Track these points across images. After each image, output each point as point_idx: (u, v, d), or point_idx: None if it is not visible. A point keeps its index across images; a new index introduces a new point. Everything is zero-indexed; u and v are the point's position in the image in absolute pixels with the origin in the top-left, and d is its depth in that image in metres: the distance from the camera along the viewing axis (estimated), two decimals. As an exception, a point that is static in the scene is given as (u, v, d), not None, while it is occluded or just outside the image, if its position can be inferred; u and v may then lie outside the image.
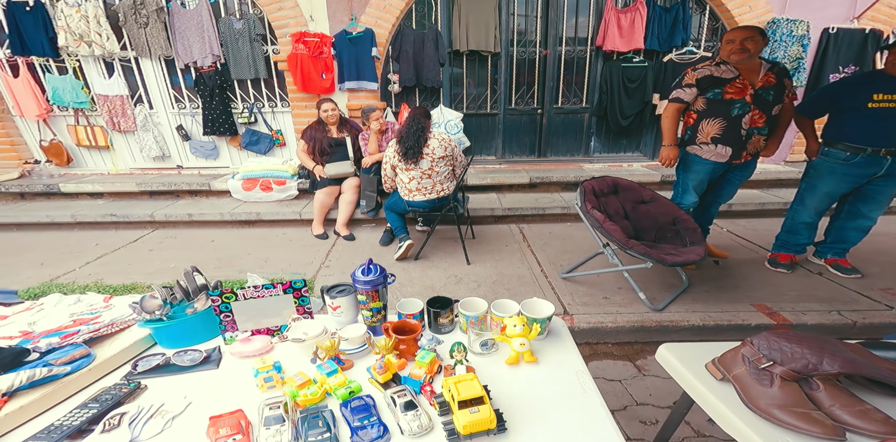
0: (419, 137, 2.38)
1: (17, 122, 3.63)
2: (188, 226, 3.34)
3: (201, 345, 1.00)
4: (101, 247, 2.92)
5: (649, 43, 3.63)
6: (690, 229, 2.09)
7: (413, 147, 2.37)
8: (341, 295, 1.01)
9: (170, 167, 3.96)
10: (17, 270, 2.50)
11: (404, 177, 2.50)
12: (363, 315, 1.04)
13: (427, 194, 2.50)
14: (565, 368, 0.89)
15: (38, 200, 3.45)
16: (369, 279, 0.98)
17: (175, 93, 3.78)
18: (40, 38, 3.37)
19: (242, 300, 0.98)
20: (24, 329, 1.00)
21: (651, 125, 4.03)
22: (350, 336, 0.92)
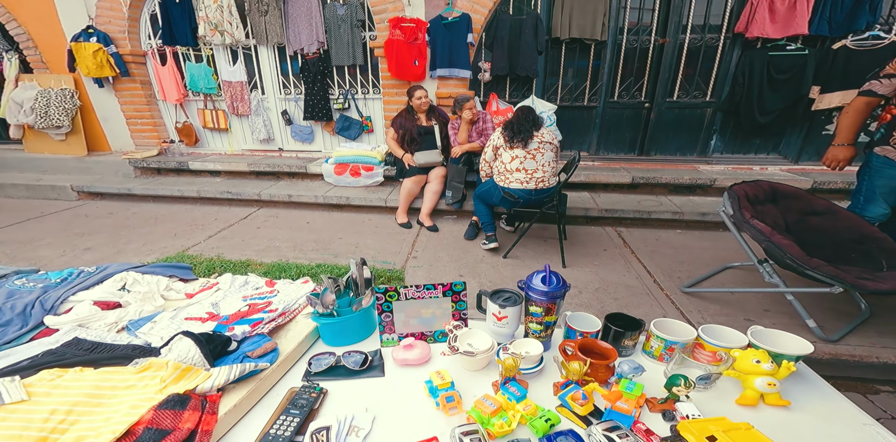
0: (534, 123, 2.35)
1: (160, 105, 4.23)
2: (286, 206, 3.64)
3: (358, 345, 0.98)
4: (220, 221, 3.30)
5: (816, 27, 2.91)
6: (888, 250, 1.68)
7: (526, 131, 2.33)
8: (509, 304, 0.92)
9: (272, 150, 4.32)
10: (156, 238, 2.94)
11: (506, 156, 2.39)
12: (532, 328, 0.95)
13: (526, 183, 2.36)
14: (842, 418, 0.71)
15: (170, 176, 4.03)
16: (549, 289, 0.89)
17: (283, 79, 4.05)
18: (185, 28, 3.80)
19: (403, 300, 0.96)
20: (209, 310, 1.05)
21: (801, 123, 3.30)
22: (529, 354, 0.83)
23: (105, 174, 3.92)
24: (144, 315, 1.03)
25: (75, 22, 3.78)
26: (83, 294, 1.07)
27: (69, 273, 1.20)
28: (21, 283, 1.13)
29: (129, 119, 4.14)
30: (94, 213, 3.38)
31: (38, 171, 3.93)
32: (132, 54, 3.91)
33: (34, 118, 3.79)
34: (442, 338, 0.99)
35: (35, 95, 3.79)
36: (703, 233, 2.96)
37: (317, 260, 2.58)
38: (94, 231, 3.01)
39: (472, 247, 2.74)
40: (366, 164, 3.58)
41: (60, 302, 1.03)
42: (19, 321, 0.96)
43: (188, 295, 1.16)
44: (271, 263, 2.52)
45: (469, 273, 2.38)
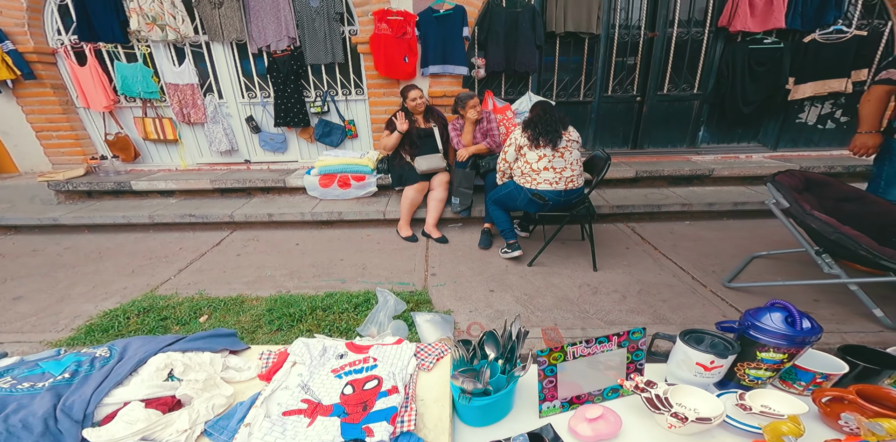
0: (561, 121, 2.22)
1: (82, 114, 3.48)
2: (266, 227, 3.15)
3: (506, 422, 0.76)
4: (186, 251, 2.74)
5: (790, 21, 3.17)
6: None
7: (554, 130, 2.18)
8: (715, 351, 0.75)
9: (237, 162, 3.77)
10: (107, 277, 2.34)
11: (532, 156, 2.23)
12: (751, 375, 0.79)
13: (555, 183, 2.21)
14: None
15: (107, 199, 3.31)
16: (797, 334, 0.72)
17: (245, 81, 3.54)
18: (110, 22, 3.17)
19: (570, 360, 0.76)
20: (305, 398, 0.78)
21: (778, 113, 3.58)
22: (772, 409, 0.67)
23: (16, 201, 3.10)
24: (219, 411, 0.75)
25: None
26: (121, 393, 0.77)
27: (73, 361, 0.83)
28: (10, 385, 0.74)
29: (39, 132, 3.36)
30: (12, 252, 2.63)
31: None
32: (37, 52, 3.18)
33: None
34: (611, 395, 0.84)
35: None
36: (709, 223, 3.05)
37: (324, 288, 2.21)
38: (19, 275, 2.32)
39: (491, 257, 2.54)
40: (356, 174, 3.23)
41: (94, 408, 0.68)
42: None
43: (261, 377, 0.87)
44: (270, 296, 2.11)
45: (500, 287, 2.18)
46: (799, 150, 3.75)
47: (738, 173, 3.29)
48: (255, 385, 0.87)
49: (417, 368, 0.89)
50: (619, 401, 0.82)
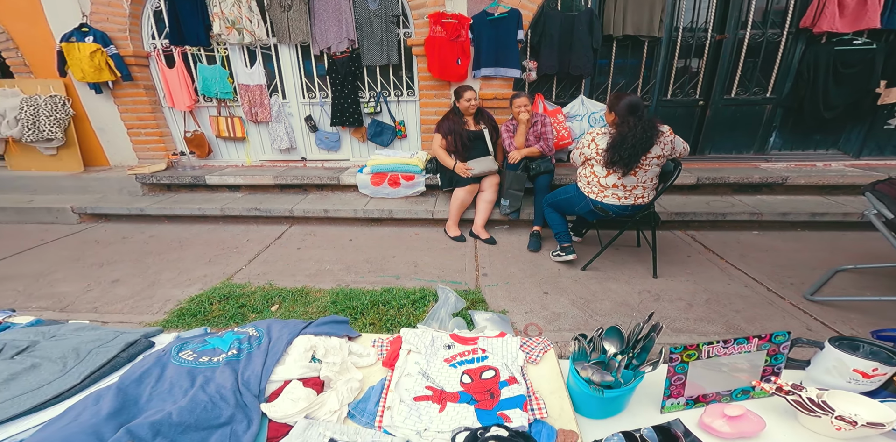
0: (646, 145, 1.96)
1: (166, 113, 3.81)
2: (321, 222, 3.31)
3: (623, 416, 0.79)
4: (253, 242, 2.95)
5: (887, 20, 2.88)
6: None
7: (631, 157, 1.97)
8: (878, 359, 0.75)
9: (295, 159, 3.97)
10: (189, 265, 2.57)
11: (600, 170, 2.13)
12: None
13: (623, 199, 2.12)
14: None
15: (184, 192, 3.62)
16: None
17: (307, 81, 3.71)
18: (196, 26, 3.42)
19: (704, 358, 0.78)
20: (428, 385, 0.83)
21: (864, 118, 3.27)
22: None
23: (107, 193, 3.47)
24: (355, 394, 0.84)
25: (65, 19, 3.34)
26: (280, 371, 0.86)
27: (234, 339, 0.94)
28: (193, 358, 0.87)
29: (130, 129, 3.70)
30: (105, 239, 2.96)
31: (26, 192, 3.43)
32: (135, 56, 3.49)
33: (20, 130, 3.31)
34: (741, 397, 0.84)
35: (19, 104, 3.31)
36: (782, 233, 2.85)
37: (379, 284, 2.30)
38: (114, 260, 2.61)
39: (542, 259, 2.53)
40: (406, 173, 3.30)
41: (265, 384, 0.82)
42: (242, 416, 0.74)
43: (384, 363, 0.93)
44: (331, 289, 2.24)
45: (553, 289, 2.18)
46: (885, 158, 3.39)
47: (815, 182, 3.04)
48: (377, 370, 0.93)
49: (525, 360, 0.93)
50: (750, 403, 0.82)
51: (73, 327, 1.06)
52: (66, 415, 0.75)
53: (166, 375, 0.84)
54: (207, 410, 0.74)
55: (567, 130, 3.38)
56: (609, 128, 2.10)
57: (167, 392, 0.80)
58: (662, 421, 0.75)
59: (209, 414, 0.73)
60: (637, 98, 2.05)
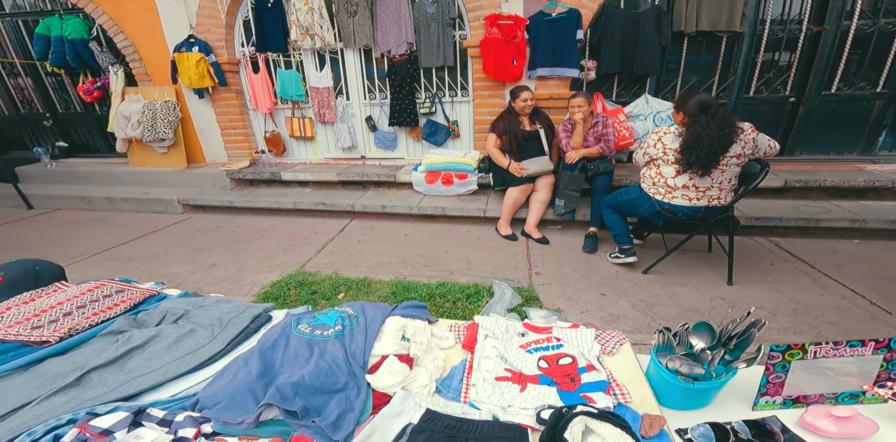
0: (724, 143, 1.85)
1: (251, 114, 4.29)
2: (378, 217, 3.57)
3: (708, 410, 0.82)
4: (320, 235, 3.29)
5: None
6: None
7: (709, 157, 1.86)
8: None
9: (355, 158, 4.27)
10: (269, 253, 2.96)
11: (668, 170, 2.04)
12: None
13: (696, 200, 2.03)
14: None
15: (262, 187, 4.08)
16: None
17: (368, 84, 3.96)
18: (277, 34, 3.79)
19: (809, 359, 0.79)
20: (506, 367, 0.91)
21: None
22: None
23: (204, 187, 4.04)
24: (440, 372, 0.94)
25: (177, 32, 3.85)
26: (378, 347, 0.99)
27: (338, 316, 1.11)
28: (309, 331, 1.04)
29: (223, 130, 4.23)
30: (203, 227, 3.48)
31: (142, 185, 4.11)
32: (229, 63, 3.96)
33: (142, 131, 3.95)
34: (849, 401, 0.83)
35: (141, 109, 3.93)
36: (889, 243, 2.57)
37: (434, 278, 2.47)
38: (211, 246, 3.08)
39: (598, 261, 2.53)
40: (459, 172, 3.43)
41: (368, 357, 0.96)
42: (353, 384, 0.87)
43: (464, 346, 1.04)
44: (390, 281, 2.45)
45: (611, 291, 2.18)
46: None
47: (935, 187, 2.68)
48: (457, 352, 1.02)
49: (601, 351, 0.98)
50: (859, 407, 0.80)
51: (214, 300, 1.29)
52: (225, 374, 0.90)
53: (291, 344, 0.99)
54: (328, 376, 0.85)
55: (629, 130, 3.27)
56: (678, 128, 2.01)
57: (293, 359, 0.94)
58: (754, 417, 0.77)
59: (329, 380, 0.85)
60: (708, 96, 1.95)
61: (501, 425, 0.75)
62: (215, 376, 0.91)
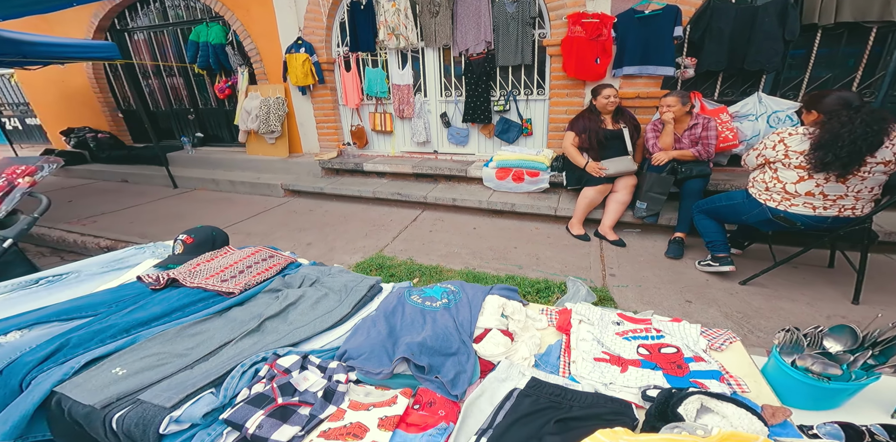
0: (872, 142, 1.56)
1: (340, 110, 4.63)
2: (448, 210, 3.70)
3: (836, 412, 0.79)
4: (395, 223, 3.52)
5: None
6: None
7: (851, 156, 1.58)
8: None
9: (428, 152, 4.42)
10: (352, 236, 3.25)
11: (789, 174, 1.78)
12: None
13: (821, 209, 1.76)
14: None
15: (346, 176, 4.43)
16: None
17: (445, 81, 4.04)
18: (367, 34, 4.00)
19: None
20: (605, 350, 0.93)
21: None
22: None
23: (300, 174, 4.50)
24: (537, 349, 0.99)
25: (289, 35, 4.22)
26: (482, 320, 1.06)
27: (442, 291, 1.19)
28: (420, 301, 1.14)
29: (318, 123, 4.63)
30: (300, 210, 3.91)
31: (255, 171, 4.70)
32: (326, 62, 4.27)
33: (258, 124, 4.49)
34: None
35: (259, 104, 4.45)
36: None
37: (503, 270, 2.53)
38: (306, 227, 3.47)
39: (683, 267, 2.38)
40: (530, 169, 3.41)
41: (473, 328, 1.04)
42: (465, 350, 0.94)
43: (559, 328, 1.07)
44: (460, 270, 2.54)
45: (699, 299, 2.04)
46: None
47: None
48: (550, 333, 1.06)
49: (708, 346, 0.95)
50: None
51: (338, 269, 1.41)
52: (358, 332, 1.02)
53: (406, 312, 1.09)
54: (444, 340, 0.93)
55: (732, 131, 2.96)
56: (807, 128, 1.73)
57: (410, 324, 1.04)
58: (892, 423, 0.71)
59: (445, 344, 0.92)
60: (850, 92, 1.69)
61: (605, 397, 0.77)
62: (350, 334, 1.04)
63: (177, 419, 0.78)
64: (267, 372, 0.87)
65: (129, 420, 0.80)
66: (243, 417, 0.75)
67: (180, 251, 1.50)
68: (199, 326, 1.09)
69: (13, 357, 0.94)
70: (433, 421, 0.74)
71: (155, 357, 0.96)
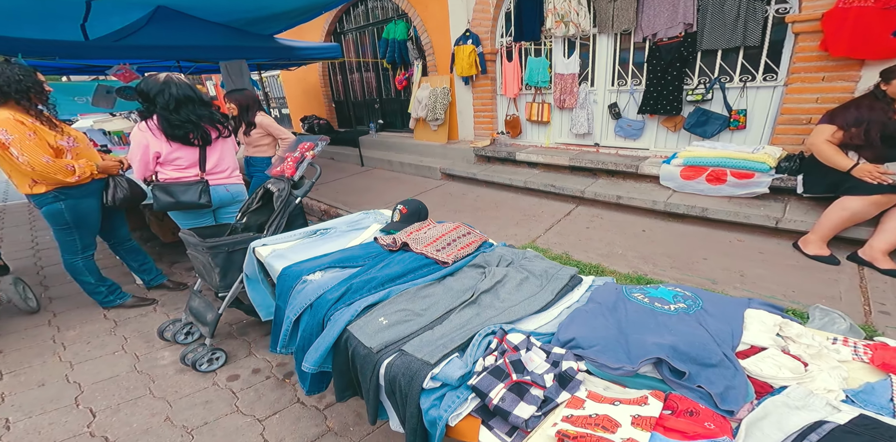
0: None
1: (498, 100, 4.46)
2: (608, 207, 3.18)
3: None
4: (546, 215, 3.17)
5: None
6: None
7: None
8: None
9: (588, 144, 3.90)
10: (503, 223, 3.04)
11: None
12: None
13: None
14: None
15: (496, 164, 4.24)
16: None
17: (620, 69, 3.45)
18: (533, 23, 3.71)
19: None
20: None
21: None
22: None
23: (455, 159, 4.51)
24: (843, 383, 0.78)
25: (458, 28, 4.20)
26: (748, 335, 0.90)
27: (674, 295, 1.04)
28: (648, 301, 1.02)
29: (475, 112, 4.56)
30: (454, 193, 3.90)
31: (418, 154, 4.92)
32: (490, 53, 4.13)
33: (426, 112, 4.67)
34: None
35: (428, 94, 4.61)
36: None
37: (686, 282, 1.99)
38: (461, 209, 3.41)
39: None
40: (739, 170, 2.61)
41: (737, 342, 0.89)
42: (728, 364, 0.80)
43: (882, 365, 0.81)
44: (626, 273, 2.11)
45: None
46: None
47: None
48: (858, 368, 0.83)
49: None
50: None
51: (532, 254, 1.36)
52: (579, 322, 0.95)
53: (629, 309, 0.98)
54: (701, 349, 0.80)
55: None
56: None
57: (637, 323, 0.92)
58: None
59: (703, 353, 0.79)
60: None
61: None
62: (567, 321, 0.97)
63: (434, 376, 0.81)
64: (497, 346, 0.86)
65: (395, 368, 0.85)
66: (487, 387, 0.75)
67: (397, 219, 1.61)
68: (427, 289, 1.17)
69: (319, 293, 1.12)
70: (703, 432, 0.66)
71: (403, 313, 1.04)
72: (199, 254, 1.64)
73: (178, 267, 2.91)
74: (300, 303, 1.11)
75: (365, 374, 0.89)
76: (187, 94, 1.84)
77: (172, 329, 1.95)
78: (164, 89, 1.79)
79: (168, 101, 1.79)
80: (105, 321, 2.20)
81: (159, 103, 1.79)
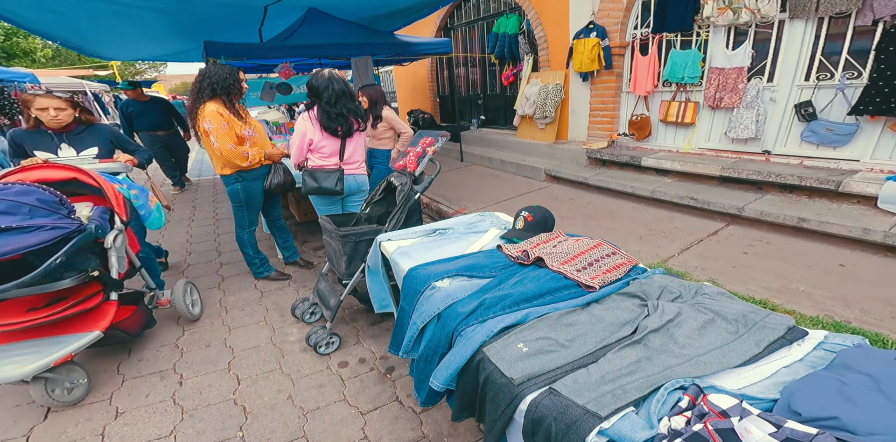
0: None
1: (623, 97, 3.86)
2: (781, 230, 2.38)
3: None
4: (681, 232, 2.52)
5: None
6: None
7: None
8: None
9: (752, 152, 3.05)
10: (622, 236, 2.51)
11: None
12: None
13: None
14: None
15: (614, 169, 3.64)
16: None
17: (823, 60, 2.57)
18: (682, 12, 3.06)
19: None
20: None
21: None
22: None
23: (563, 161, 4.05)
24: None
25: (580, 20, 3.77)
26: None
27: None
28: None
29: (592, 111, 4.03)
30: (560, 197, 3.46)
31: (521, 153, 4.59)
32: (618, 46, 3.59)
33: (534, 110, 4.33)
34: None
35: (538, 91, 4.26)
36: None
37: None
38: (568, 215, 2.97)
39: None
40: None
41: None
42: None
43: None
44: (813, 317, 1.54)
45: None
46: None
47: None
48: None
49: None
50: None
51: (714, 290, 0.99)
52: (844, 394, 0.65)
53: None
54: None
55: None
56: None
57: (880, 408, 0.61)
58: None
59: None
60: None
61: None
62: (807, 389, 0.68)
63: (603, 431, 0.65)
64: (688, 404, 0.67)
65: (544, 409, 0.71)
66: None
67: (521, 227, 1.45)
68: (571, 316, 0.97)
69: (448, 303, 1.02)
70: None
71: (545, 341, 0.87)
72: (332, 240, 1.72)
73: (307, 246, 3.07)
74: (427, 310, 1.05)
75: (497, 404, 0.76)
76: (343, 89, 1.98)
77: (302, 308, 2.04)
78: (329, 85, 1.94)
79: (330, 95, 1.95)
80: (255, 291, 2.40)
81: (324, 97, 1.96)
